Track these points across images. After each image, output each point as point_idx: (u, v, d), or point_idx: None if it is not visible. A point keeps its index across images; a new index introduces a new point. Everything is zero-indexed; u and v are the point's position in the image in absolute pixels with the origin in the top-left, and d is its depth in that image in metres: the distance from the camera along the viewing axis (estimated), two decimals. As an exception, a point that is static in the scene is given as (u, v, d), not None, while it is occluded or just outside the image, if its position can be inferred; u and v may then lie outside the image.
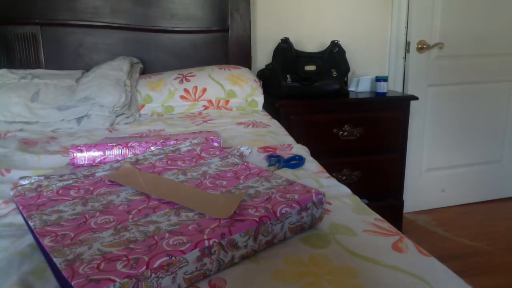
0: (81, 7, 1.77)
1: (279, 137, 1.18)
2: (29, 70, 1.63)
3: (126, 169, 0.66)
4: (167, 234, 0.46)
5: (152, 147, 0.92)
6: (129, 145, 0.93)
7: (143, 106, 1.57)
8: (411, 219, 2.17)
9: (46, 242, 0.45)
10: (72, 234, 0.47)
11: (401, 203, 1.99)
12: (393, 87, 2.17)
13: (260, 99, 1.64)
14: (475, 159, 2.31)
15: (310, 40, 2.07)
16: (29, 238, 0.56)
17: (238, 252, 0.48)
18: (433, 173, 2.26)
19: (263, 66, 1.99)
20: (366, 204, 0.70)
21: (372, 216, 0.63)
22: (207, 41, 1.87)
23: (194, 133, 1.12)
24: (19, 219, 0.64)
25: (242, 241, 0.48)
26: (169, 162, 0.70)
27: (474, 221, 2.14)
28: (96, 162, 0.93)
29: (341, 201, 0.68)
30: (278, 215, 0.51)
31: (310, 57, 1.84)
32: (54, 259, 0.42)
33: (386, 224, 0.60)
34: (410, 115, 1.96)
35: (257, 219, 0.49)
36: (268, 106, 1.71)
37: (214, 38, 1.86)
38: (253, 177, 0.62)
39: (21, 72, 1.59)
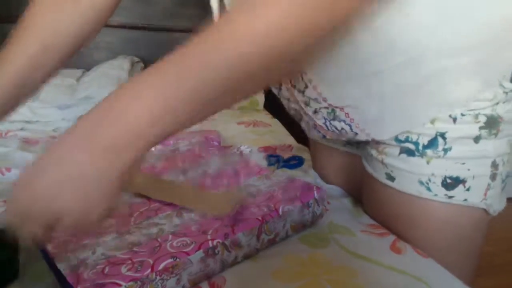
0: (81, 6, 1.76)
1: (279, 136, 1.18)
2: (29, 69, 1.63)
3: None
4: (170, 236, 0.46)
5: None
6: (129, 144, 0.93)
7: (143, 105, 1.57)
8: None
9: (49, 247, 0.46)
10: (75, 239, 0.47)
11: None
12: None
13: (261, 98, 1.64)
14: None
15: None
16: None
17: (241, 251, 0.49)
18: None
19: (263, 64, 1.99)
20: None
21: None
22: (207, 39, 1.87)
23: (194, 132, 1.12)
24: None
25: (245, 240, 0.48)
26: (169, 162, 0.70)
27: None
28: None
29: (339, 201, 0.69)
30: (280, 213, 0.51)
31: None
32: (58, 265, 0.42)
33: (383, 225, 0.61)
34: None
35: (260, 218, 0.50)
36: (269, 105, 1.71)
37: (214, 37, 1.86)
38: (254, 176, 0.62)
39: (21, 71, 1.59)
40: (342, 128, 0.59)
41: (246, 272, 0.48)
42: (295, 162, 0.88)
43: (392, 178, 0.57)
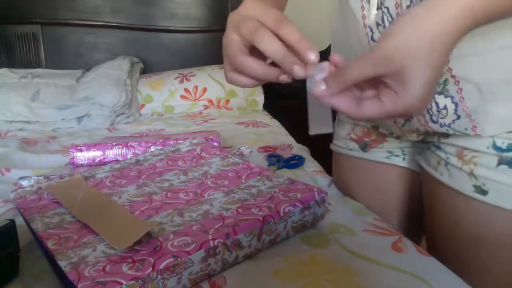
0: (82, 7, 1.77)
1: (279, 137, 1.18)
2: (30, 69, 1.63)
3: (72, 181, 0.63)
4: (171, 235, 0.46)
5: (152, 147, 0.93)
6: (129, 144, 0.94)
7: (143, 105, 1.57)
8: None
9: (50, 245, 0.45)
10: (76, 237, 0.47)
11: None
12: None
13: (260, 98, 1.64)
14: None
15: (310, 39, 2.06)
16: (26, 238, 0.56)
17: (242, 251, 0.49)
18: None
19: (262, 66, 1.99)
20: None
21: (371, 216, 0.63)
22: (207, 40, 1.87)
23: (194, 132, 1.12)
24: (18, 219, 0.64)
25: (246, 240, 0.48)
26: (169, 163, 0.70)
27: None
28: (96, 161, 0.93)
29: (340, 201, 0.69)
30: (281, 214, 0.51)
31: (310, 56, 1.83)
32: (59, 262, 0.42)
33: (385, 224, 0.60)
34: (410, 114, 1.95)
35: (261, 219, 0.50)
36: (269, 106, 1.71)
37: (214, 38, 1.86)
38: (255, 176, 0.62)
39: (22, 71, 1.59)
40: (444, 107, 0.53)
41: (246, 272, 0.48)
42: (295, 162, 0.88)
43: (483, 192, 0.52)
